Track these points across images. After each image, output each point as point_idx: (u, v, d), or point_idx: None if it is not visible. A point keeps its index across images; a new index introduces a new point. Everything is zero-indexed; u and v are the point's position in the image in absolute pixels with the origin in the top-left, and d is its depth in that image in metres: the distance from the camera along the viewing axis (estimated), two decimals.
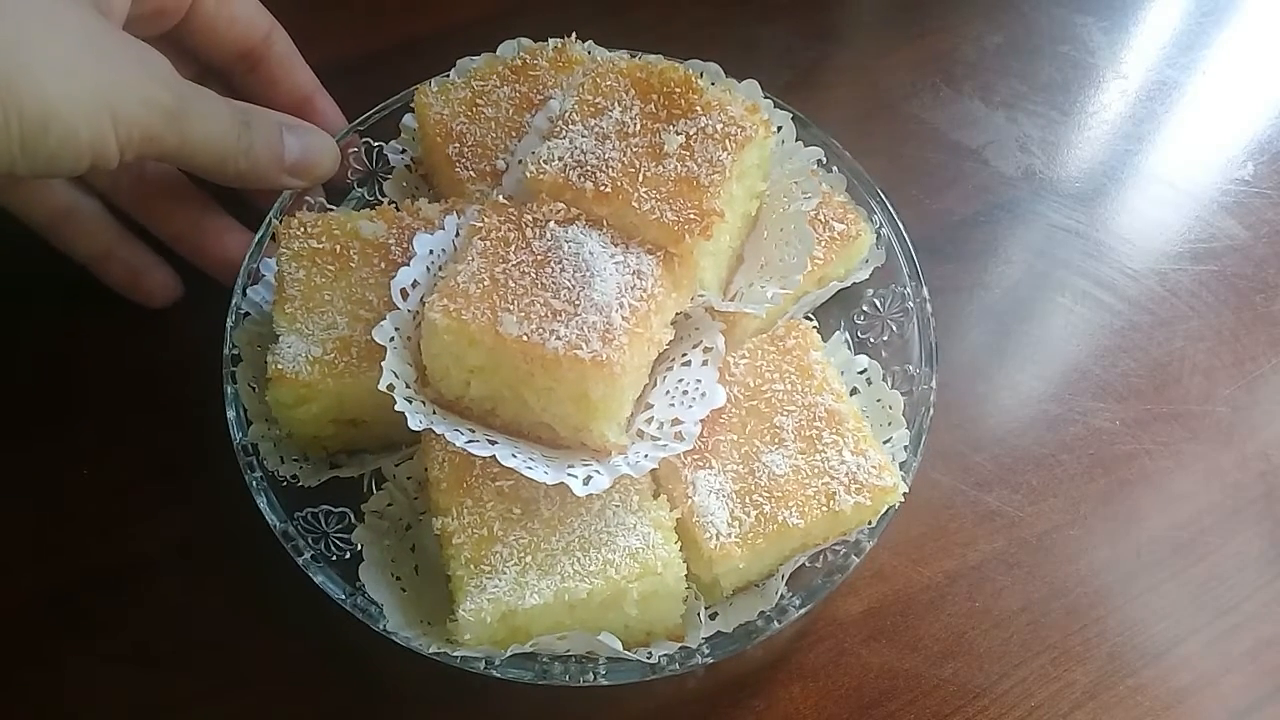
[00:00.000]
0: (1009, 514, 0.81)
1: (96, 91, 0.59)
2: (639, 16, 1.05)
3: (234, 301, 0.75)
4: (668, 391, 0.69)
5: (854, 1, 1.13)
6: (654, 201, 0.66)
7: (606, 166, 0.67)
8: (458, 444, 0.63)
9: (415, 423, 0.64)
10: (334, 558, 0.68)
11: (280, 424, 0.71)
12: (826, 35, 1.07)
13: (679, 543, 0.65)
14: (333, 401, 0.70)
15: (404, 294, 0.68)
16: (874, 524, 0.68)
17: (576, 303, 0.63)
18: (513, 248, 0.65)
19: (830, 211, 0.80)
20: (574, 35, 0.84)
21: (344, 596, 0.65)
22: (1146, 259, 0.94)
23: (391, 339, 0.66)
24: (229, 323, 0.74)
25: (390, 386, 0.64)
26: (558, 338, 0.62)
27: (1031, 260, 0.94)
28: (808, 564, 0.69)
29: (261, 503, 0.68)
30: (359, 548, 0.68)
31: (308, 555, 0.66)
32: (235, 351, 0.73)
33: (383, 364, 0.65)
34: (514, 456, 0.63)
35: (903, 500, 0.68)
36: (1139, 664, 0.75)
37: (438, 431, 0.64)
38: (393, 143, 0.85)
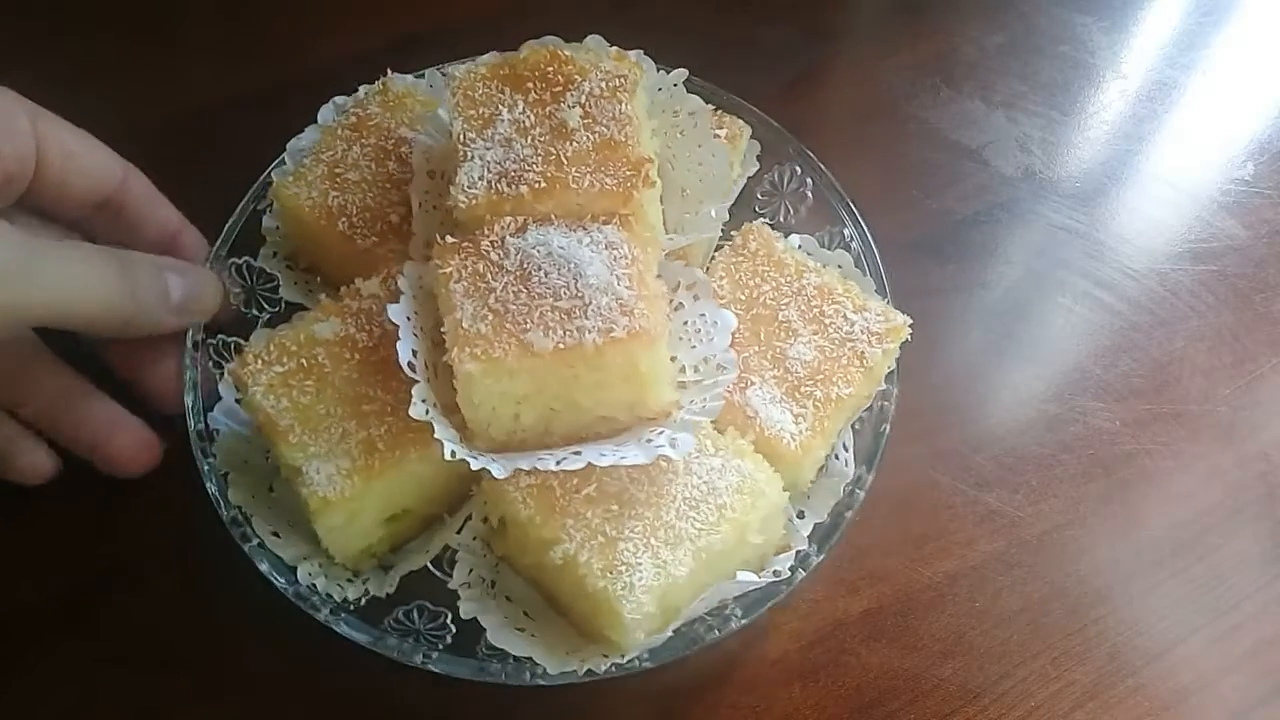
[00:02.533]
0: (1009, 514, 0.81)
1: None
2: (638, 17, 1.05)
3: (203, 468, 0.70)
4: (680, 338, 0.70)
5: (854, 1, 1.13)
6: (588, 176, 0.66)
7: (528, 166, 0.66)
8: (551, 468, 0.63)
9: (500, 471, 0.63)
10: (440, 647, 0.67)
11: (330, 550, 0.69)
12: (826, 35, 1.07)
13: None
14: (381, 502, 0.68)
15: (411, 366, 0.66)
16: (893, 366, 0.74)
17: (580, 295, 0.63)
18: (489, 276, 0.64)
19: (711, 122, 0.82)
20: (389, 74, 0.83)
21: (499, 666, 0.64)
22: (1146, 259, 0.94)
23: (427, 412, 0.64)
24: (212, 489, 0.70)
25: (453, 454, 0.63)
26: (588, 332, 0.62)
27: (1031, 260, 0.94)
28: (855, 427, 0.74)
29: (342, 629, 0.66)
30: (453, 625, 0.67)
31: (419, 657, 0.65)
32: (238, 512, 0.69)
33: (435, 437, 0.63)
34: (603, 456, 0.63)
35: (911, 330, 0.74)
36: (1139, 664, 0.75)
37: (526, 468, 0.63)
38: (262, 250, 0.81)
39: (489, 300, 0.64)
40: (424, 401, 0.64)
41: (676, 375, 0.69)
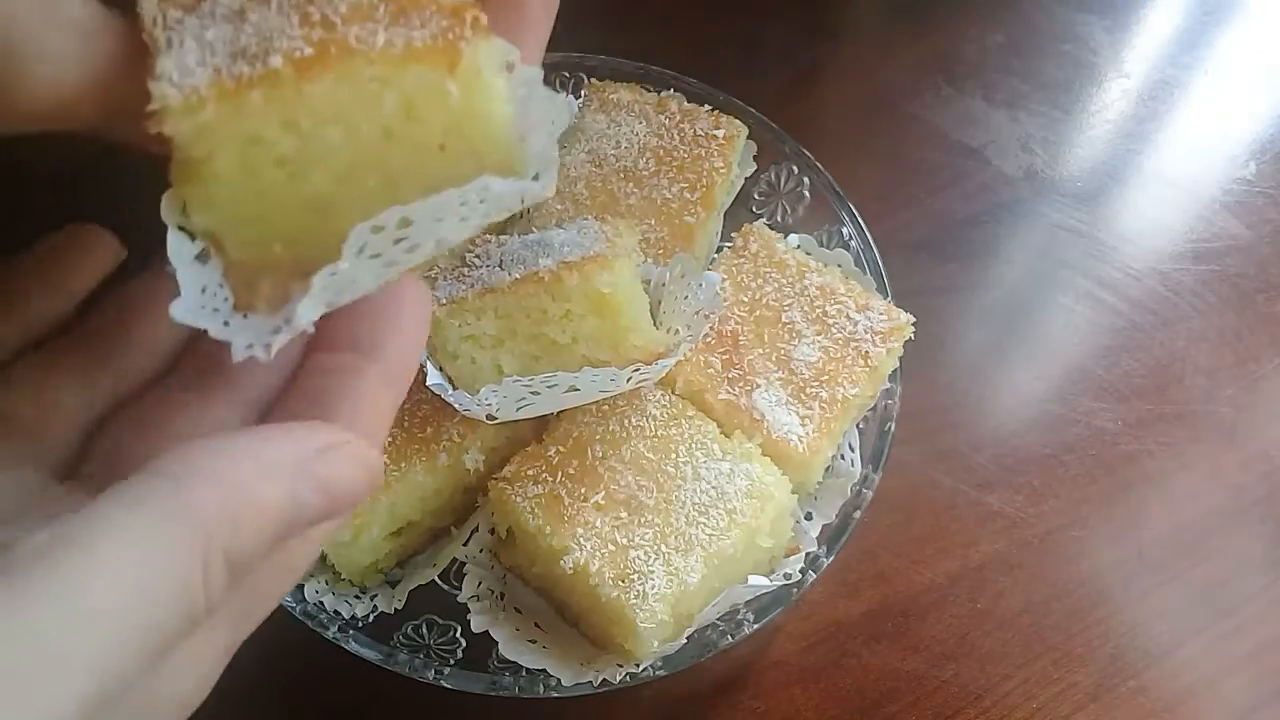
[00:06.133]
0: (1010, 515, 0.80)
1: None
2: (637, 17, 1.05)
3: None
4: (671, 310, 0.72)
5: (854, 1, 1.12)
6: (383, 34, 0.38)
7: (279, 36, 0.38)
8: (523, 393, 0.64)
9: (504, 407, 0.64)
10: (452, 662, 0.67)
11: (337, 566, 0.69)
12: (827, 35, 1.07)
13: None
14: (387, 516, 0.68)
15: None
16: (898, 364, 0.73)
17: (546, 255, 0.65)
18: (469, 272, 0.67)
19: (708, 124, 0.81)
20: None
21: (512, 680, 0.64)
22: (1148, 259, 0.94)
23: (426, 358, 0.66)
24: None
25: (438, 384, 0.65)
26: (545, 265, 0.64)
27: (1033, 260, 0.94)
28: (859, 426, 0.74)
29: (352, 647, 0.65)
30: (463, 639, 0.67)
31: (431, 674, 0.65)
32: None
33: (424, 362, 0.64)
34: (580, 378, 0.64)
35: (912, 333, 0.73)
36: (1141, 665, 0.75)
37: (504, 402, 0.64)
38: None
39: (467, 283, 0.66)
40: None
41: (670, 335, 0.70)
